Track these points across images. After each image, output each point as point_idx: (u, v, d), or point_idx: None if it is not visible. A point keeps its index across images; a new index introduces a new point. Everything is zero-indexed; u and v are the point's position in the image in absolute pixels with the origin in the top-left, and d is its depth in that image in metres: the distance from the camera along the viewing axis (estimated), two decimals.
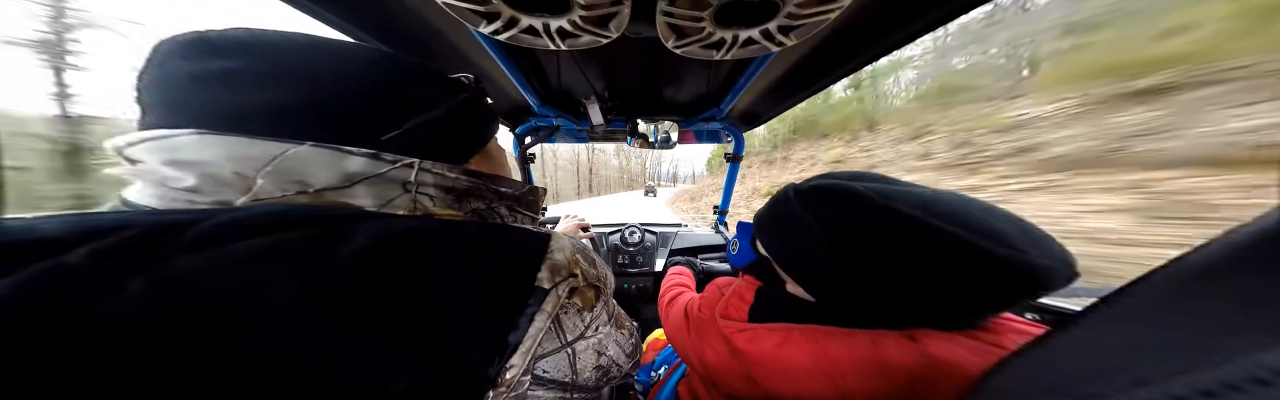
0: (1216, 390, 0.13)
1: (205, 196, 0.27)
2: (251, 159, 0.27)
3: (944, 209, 0.36)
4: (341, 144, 0.30)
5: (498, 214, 0.39)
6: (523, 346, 0.28)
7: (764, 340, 0.43)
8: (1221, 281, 0.16)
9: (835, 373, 0.38)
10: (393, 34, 0.66)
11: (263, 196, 0.27)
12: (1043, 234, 0.36)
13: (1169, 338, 0.16)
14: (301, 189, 0.28)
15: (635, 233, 1.72)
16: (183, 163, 0.27)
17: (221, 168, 0.27)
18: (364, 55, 0.32)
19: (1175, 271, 0.18)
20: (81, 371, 0.17)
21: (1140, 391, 0.15)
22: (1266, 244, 0.15)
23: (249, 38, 0.29)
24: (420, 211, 0.33)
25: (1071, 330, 0.22)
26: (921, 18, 0.56)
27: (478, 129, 0.41)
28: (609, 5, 0.45)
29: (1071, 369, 0.20)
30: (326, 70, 0.30)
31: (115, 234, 0.21)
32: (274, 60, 0.29)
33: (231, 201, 0.27)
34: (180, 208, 0.27)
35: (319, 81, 0.29)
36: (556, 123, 1.25)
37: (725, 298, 0.54)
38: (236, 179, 0.27)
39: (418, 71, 0.35)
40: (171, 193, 0.27)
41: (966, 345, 0.37)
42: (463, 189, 0.36)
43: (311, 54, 0.30)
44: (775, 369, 0.41)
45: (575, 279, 0.33)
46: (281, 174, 0.28)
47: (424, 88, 0.35)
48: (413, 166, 0.32)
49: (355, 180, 0.30)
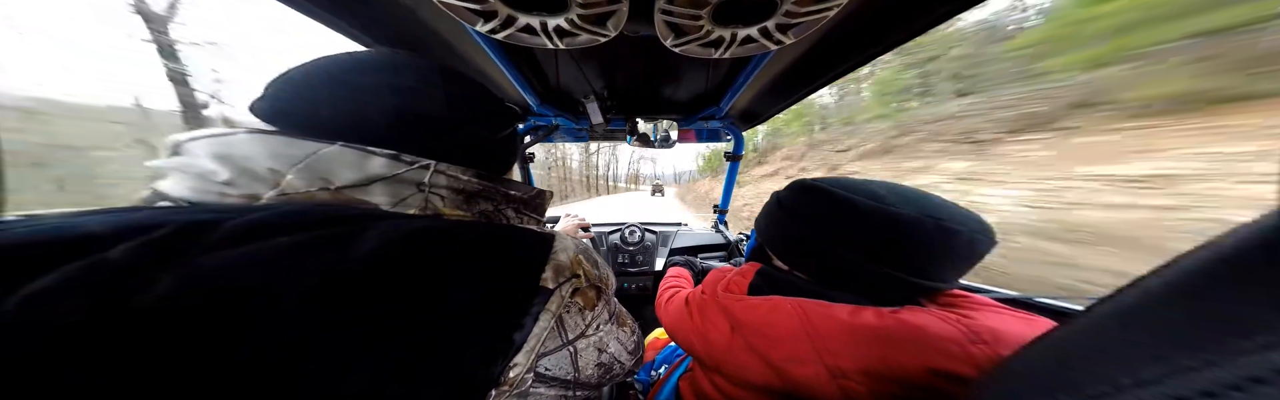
0: (1217, 390, 0.13)
1: (237, 189, 0.29)
2: (288, 157, 0.30)
3: (864, 188, 0.49)
4: (429, 157, 0.34)
5: (505, 216, 0.40)
6: (527, 346, 0.28)
7: (757, 308, 0.49)
8: (1223, 280, 0.16)
9: (816, 335, 0.43)
10: (390, 33, 0.66)
11: (289, 191, 0.30)
12: (952, 205, 0.47)
13: (1170, 337, 0.16)
14: (324, 185, 0.30)
15: (635, 232, 1.72)
16: (227, 157, 0.29)
17: (260, 164, 0.29)
18: (472, 81, 0.41)
19: (1176, 270, 0.18)
20: (85, 369, 0.18)
21: (1141, 391, 0.15)
22: (1268, 243, 0.15)
23: (406, 59, 0.37)
24: (430, 210, 0.34)
25: (1072, 329, 0.22)
26: (919, 16, 0.55)
27: (516, 148, 0.48)
28: (607, 4, 0.44)
29: (1072, 368, 0.20)
30: (464, 94, 0.39)
31: (150, 231, 0.22)
32: (424, 80, 0.37)
33: (261, 195, 0.29)
34: (211, 200, 0.30)
35: (455, 102, 0.38)
36: (556, 122, 1.24)
37: (728, 277, 0.60)
38: (270, 174, 0.29)
39: (496, 98, 0.43)
40: (206, 185, 0.30)
41: (937, 314, 0.43)
42: (473, 191, 0.37)
43: (449, 77, 0.39)
44: (768, 334, 0.45)
45: (578, 279, 0.34)
46: (310, 171, 0.30)
47: (504, 114, 0.43)
48: (429, 168, 0.34)
49: (374, 179, 0.32)
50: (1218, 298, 0.15)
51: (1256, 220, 0.15)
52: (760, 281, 0.56)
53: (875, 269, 0.46)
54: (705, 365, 0.55)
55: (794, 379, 0.42)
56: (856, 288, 0.49)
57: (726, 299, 0.53)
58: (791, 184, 0.58)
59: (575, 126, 1.26)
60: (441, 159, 0.35)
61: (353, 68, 0.35)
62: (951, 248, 0.44)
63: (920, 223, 0.43)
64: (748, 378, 0.46)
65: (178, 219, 0.24)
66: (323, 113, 0.34)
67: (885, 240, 0.44)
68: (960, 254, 0.45)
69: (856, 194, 0.47)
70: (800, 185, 0.56)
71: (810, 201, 0.51)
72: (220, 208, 0.27)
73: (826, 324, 0.43)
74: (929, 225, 0.43)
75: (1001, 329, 0.41)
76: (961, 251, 0.44)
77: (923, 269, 0.45)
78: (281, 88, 0.35)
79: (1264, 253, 0.15)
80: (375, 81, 0.35)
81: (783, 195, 0.57)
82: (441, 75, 0.39)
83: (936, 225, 0.43)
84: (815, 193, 0.51)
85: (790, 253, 0.55)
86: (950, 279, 0.47)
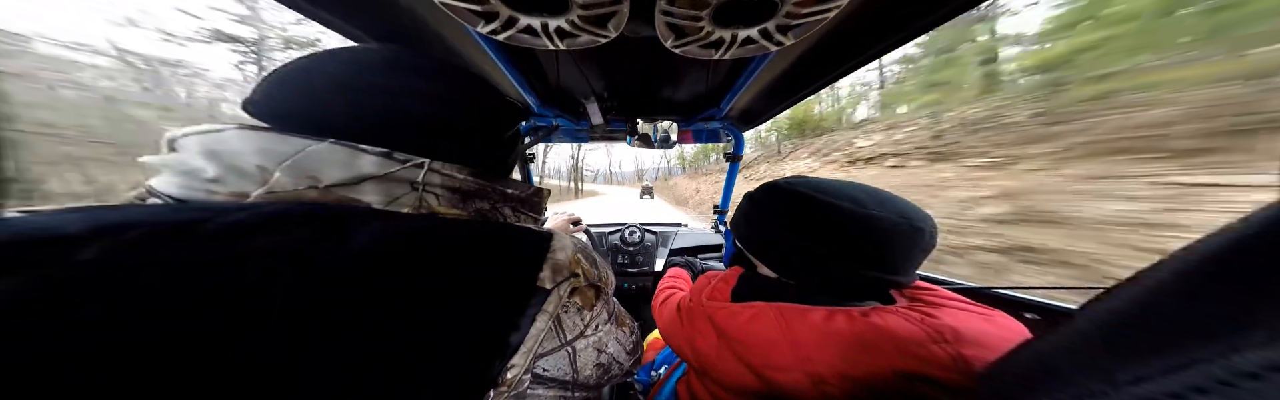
0: (1210, 387, 0.13)
1: (225, 187, 0.29)
2: (276, 153, 0.29)
3: (824, 185, 0.52)
4: (426, 155, 0.33)
5: (501, 214, 0.40)
6: (524, 347, 0.28)
7: (739, 315, 0.49)
8: (1218, 278, 0.16)
9: (795, 342, 0.44)
10: (390, 34, 0.66)
11: (277, 189, 0.29)
12: (908, 202, 0.50)
13: (1166, 335, 0.16)
14: (312, 184, 0.29)
15: (635, 233, 1.72)
16: (216, 153, 0.28)
17: (248, 160, 0.28)
18: (477, 77, 0.41)
19: (1171, 268, 0.18)
20: (83, 370, 0.17)
21: (1138, 388, 0.15)
22: (1263, 241, 0.15)
23: (407, 56, 0.36)
24: (424, 209, 0.33)
25: (1070, 327, 0.22)
26: (920, 17, 0.56)
27: (518, 147, 0.48)
28: (607, 5, 0.45)
29: (1070, 366, 0.20)
30: (483, 99, 0.40)
31: (125, 231, 0.22)
32: (426, 77, 0.36)
33: (248, 193, 0.28)
34: (199, 198, 0.29)
35: (458, 99, 0.38)
36: (556, 122, 1.25)
37: (713, 283, 0.61)
38: (258, 171, 0.29)
39: (500, 96, 0.43)
40: (193, 183, 0.29)
41: (903, 314, 0.45)
42: (470, 190, 0.36)
43: (452, 74, 0.38)
44: (750, 343, 0.46)
45: (576, 279, 0.34)
46: (298, 169, 0.29)
47: (509, 112, 0.44)
48: (422, 167, 0.33)
49: (365, 178, 0.31)
50: (1213, 295, 0.15)
51: (1251, 217, 0.15)
52: (742, 287, 0.58)
53: (858, 272, 0.48)
54: (697, 370, 0.56)
55: (778, 385, 0.42)
56: (834, 287, 0.52)
57: (711, 307, 0.54)
58: (760, 185, 0.59)
59: (575, 127, 1.26)
60: (439, 157, 0.34)
61: (350, 63, 0.34)
62: (919, 245, 0.48)
63: (897, 225, 0.46)
64: (735, 383, 0.47)
65: (155, 219, 0.23)
66: (316, 109, 0.33)
67: (870, 244, 0.47)
68: (925, 250, 0.49)
69: (835, 197, 0.49)
70: (766, 185, 0.58)
71: (793, 208, 0.52)
72: (203, 207, 0.27)
73: (804, 330, 0.44)
74: (904, 227, 0.46)
75: (961, 327, 0.43)
76: (926, 248, 0.48)
77: (897, 267, 0.48)
78: (276, 83, 0.33)
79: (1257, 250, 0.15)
80: (372, 78, 0.34)
81: (757, 198, 0.58)
82: (443, 72, 0.38)
83: (909, 226, 0.46)
84: (794, 197, 0.52)
85: (769, 254, 0.56)
86: (914, 272, 0.51)
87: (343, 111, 0.33)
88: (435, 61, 0.38)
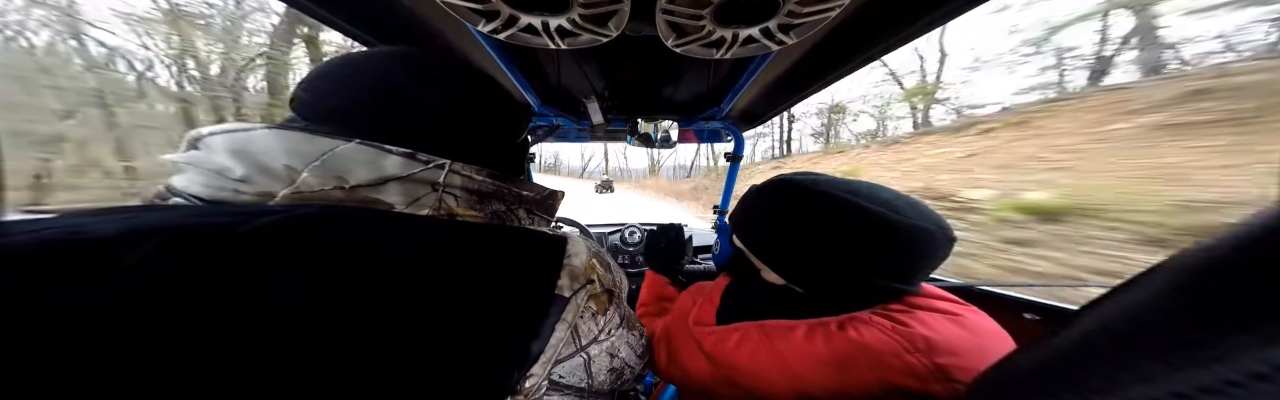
0: (1217, 386, 0.13)
1: (252, 187, 0.28)
2: (304, 153, 0.29)
3: (856, 188, 0.47)
4: (447, 156, 0.34)
5: (516, 216, 0.40)
6: (544, 356, 0.29)
7: (726, 341, 0.49)
8: (1220, 278, 0.16)
9: (783, 363, 0.44)
10: (391, 33, 0.66)
11: (303, 189, 0.29)
12: (924, 205, 0.47)
13: (1170, 335, 0.16)
14: (339, 185, 0.29)
15: (635, 233, 1.72)
16: (244, 152, 0.28)
17: (276, 160, 0.28)
18: (493, 80, 0.42)
19: (1174, 269, 0.18)
20: (110, 373, 0.18)
21: (1143, 388, 0.15)
22: (1264, 242, 0.15)
23: (456, 64, 0.38)
24: (443, 211, 0.33)
25: (1073, 328, 0.22)
26: (921, 16, 0.55)
27: (527, 147, 0.49)
28: (608, 3, 0.44)
29: (1073, 366, 0.20)
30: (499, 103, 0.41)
31: (161, 237, 0.21)
32: (472, 85, 0.38)
33: (275, 193, 0.28)
34: (225, 198, 0.29)
35: (481, 101, 0.39)
36: (556, 122, 1.24)
37: (697, 305, 0.59)
38: (285, 171, 0.29)
39: (513, 98, 0.45)
40: (219, 182, 0.29)
41: (877, 323, 0.44)
42: (487, 192, 0.37)
43: (473, 76, 0.39)
44: (746, 371, 0.46)
45: (593, 285, 0.34)
46: (325, 169, 0.29)
47: (523, 113, 0.45)
48: (443, 168, 0.33)
49: (389, 179, 0.31)
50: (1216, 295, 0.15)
51: (1252, 218, 0.15)
52: (727, 302, 0.56)
53: (891, 284, 0.45)
54: (697, 391, 0.55)
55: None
56: (851, 297, 0.48)
57: (698, 332, 0.53)
58: (770, 180, 0.55)
59: (576, 127, 1.26)
60: (460, 158, 0.35)
61: (382, 64, 0.35)
62: (945, 255, 0.46)
63: (934, 236, 0.43)
64: None
65: (189, 223, 0.23)
66: (355, 108, 0.34)
67: (912, 255, 0.44)
68: (943, 258, 0.46)
69: (872, 202, 0.45)
70: (780, 181, 0.53)
71: (828, 214, 0.46)
72: (231, 210, 0.27)
73: (790, 350, 0.44)
74: (940, 237, 0.44)
75: (934, 337, 0.42)
76: (944, 256, 0.46)
77: (922, 277, 0.47)
78: (310, 84, 0.34)
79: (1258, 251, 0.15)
80: (402, 79, 0.34)
81: (768, 195, 0.53)
82: (463, 73, 0.39)
83: (945, 236, 0.44)
84: (827, 201, 0.47)
85: (785, 261, 0.51)
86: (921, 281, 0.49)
87: (377, 112, 0.33)
88: (454, 62, 0.39)
